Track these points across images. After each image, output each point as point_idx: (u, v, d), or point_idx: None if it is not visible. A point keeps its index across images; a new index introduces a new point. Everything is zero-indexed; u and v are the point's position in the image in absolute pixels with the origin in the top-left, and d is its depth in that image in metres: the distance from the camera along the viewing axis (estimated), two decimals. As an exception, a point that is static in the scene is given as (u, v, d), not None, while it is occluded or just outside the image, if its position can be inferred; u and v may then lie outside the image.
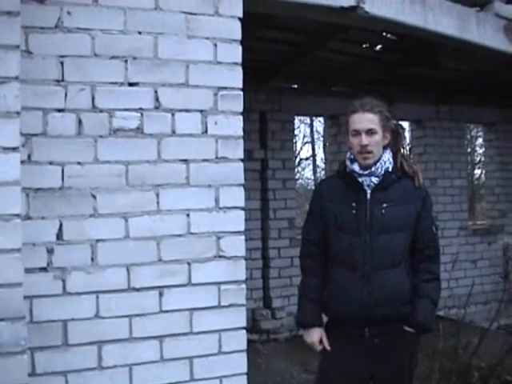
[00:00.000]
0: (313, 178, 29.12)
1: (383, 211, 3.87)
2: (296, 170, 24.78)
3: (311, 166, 29.96)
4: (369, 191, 3.91)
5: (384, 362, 3.94)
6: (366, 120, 3.88)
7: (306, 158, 30.58)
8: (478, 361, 6.25)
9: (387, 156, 3.96)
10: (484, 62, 7.93)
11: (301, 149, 30.00)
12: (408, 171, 4.00)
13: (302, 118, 26.89)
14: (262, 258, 9.81)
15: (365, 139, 3.85)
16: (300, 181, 28.82)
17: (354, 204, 3.90)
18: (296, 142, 27.11)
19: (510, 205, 11.83)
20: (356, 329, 3.91)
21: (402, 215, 3.91)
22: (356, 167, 3.92)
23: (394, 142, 4.03)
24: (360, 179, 3.91)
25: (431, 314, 4.00)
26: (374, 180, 3.91)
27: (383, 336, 3.90)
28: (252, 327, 9.27)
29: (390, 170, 3.94)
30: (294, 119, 10.64)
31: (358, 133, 3.88)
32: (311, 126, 29.88)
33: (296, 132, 26.04)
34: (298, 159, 28.21)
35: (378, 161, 3.92)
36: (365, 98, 3.96)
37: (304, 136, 30.49)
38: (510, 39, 5.77)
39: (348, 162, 3.97)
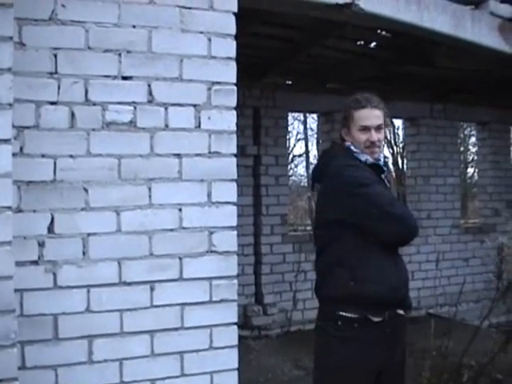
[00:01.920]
0: (306, 174, 29.11)
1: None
2: (289, 166, 24.77)
3: (304, 163, 29.99)
4: (384, 177, 3.99)
5: (394, 351, 3.92)
6: (374, 116, 3.92)
7: (300, 155, 30.58)
8: (468, 359, 6.27)
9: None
10: (478, 61, 7.93)
11: (294, 146, 30.00)
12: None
13: (295, 114, 26.89)
14: (254, 253, 9.81)
15: (374, 135, 3.89)
16: (293, 177, 28.81)
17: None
18: (289, 139, 27.11)
19: (502, 203, 11.85)
20: (379, 313, 3.85)
21: None
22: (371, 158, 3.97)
23: None
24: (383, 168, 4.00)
25: None
26: (384, 168, 4.03)
27: (393, 322, 3.89)
28: (243, 323, 9.26)
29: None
30: (287, 115, 10.66)
31: (367, 128, 3.90)
32: (305, 122, 29.90)
33: (289, 129, 26.01)
34: (291, 156, 28.20)
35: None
36: (367, 94, 3.99)
37: (297, 133, 30.50)
38: (505, 38, 5.78)
39: (365, 155, 3.94)
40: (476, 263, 11.39)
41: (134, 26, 3.70)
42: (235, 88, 3.93)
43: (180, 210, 3.79)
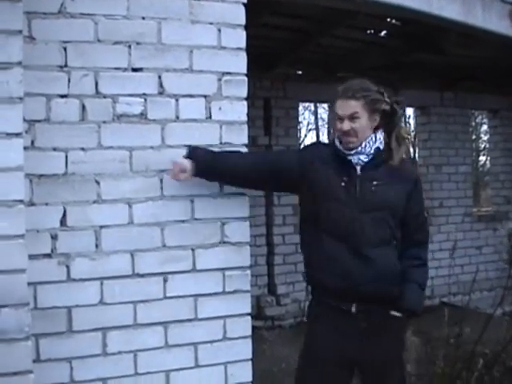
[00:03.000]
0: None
1: (373, 189, 3.85)
2: (300, 157, 24.69)
3: (315, 153, 29.91)
4: (358, 168, 3.88)
5: (372, 347, 3.88)
6: (347, 106, 3.87)
7: (311, 145, 30.48)
8: (482, 347, 6.25)
9: (378, 135, 3.94)
10: (489, 48, 7.91)
11: (305, 136, 29.94)
12: (394, 150, 3.97)
13: (306, 104, 26.84)
14: (267, 244, 9.83)
15: (346, 125, 3.85)
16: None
17: (344, 178, 3.85)
18: (300, 129, 27.06)
19: (512, 191, 11.84)
20: (343, 303, 3.85)
21: (391, 194, 3.89)
22: (342, 147, 3.93)
23: (389, 122, 4.00)
24: (349, 157, 3.90)
25: (419, 299, 3.97)
26: (363, 158, 3.88)
27: (372, 317, 3.85)
28: (257, 314, 9.29)
29: (382, 148, 3.93)
30: (298, 106, 10.64)
31: (340, 117, 3.90)
32: (315, 112, 29.85)
33: (300, 119, 25.95)
34: (302, 146, 28.14)
35: (366, 140, 3.89)
36: (350, 82, 3.98)
37: (308, 123, 30.45)
38: (516, 24, 5.74)
39: (337, 142, 3.96)
40: (489, 251, 11.38)
41: (143, 18, 3.69)
42: (246, 78, 3.92)
43: (192, 201, 3.79)
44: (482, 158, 26.56)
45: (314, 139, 29.93)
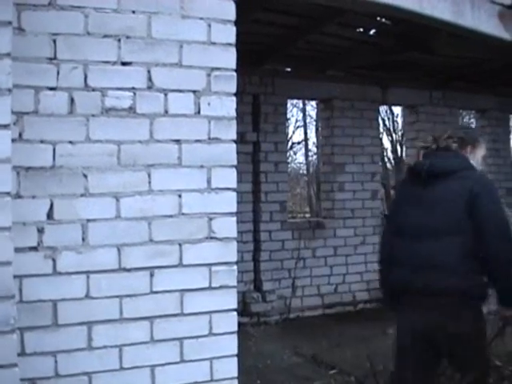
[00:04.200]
0: (305, 162, 29.09)
1: None
2: (288, 153, 24.74)
3: (303, 151, 29.93)
4: None
5: None
6: None
7: (298, 142, 30.52)
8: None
9: None
10: (478, 49, 7.93)
11: (293, 133, 29.92)
12: None
13: (294, 102, 26.82)
14: (254, 240, 9.83)
15: None
16: (292, 165, 28.77)
17: None
18: (288, 126, 27.04)
19: (502, 191, 11.84)
20: None
21: None
22: None
23: None
24: None
25: None
26: None
27: None
28: (242, 310, 9.28)
29: None
30: (286, 102, 10.66)
31: None
32: (303, 109, 29.81)
33: (288, 116, 25.94)
34: (290, 143, 28.14)
35: None
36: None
37: (296, 120, 30.43)
38: (504, 25, 5.76)
39: None
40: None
41: (133, 12, 3.68)
42: (235, 74, 3.92)
43: (179, 196, 3.78)
44: (469, 158, 26.59)
45: (302, 136, 29.97)
